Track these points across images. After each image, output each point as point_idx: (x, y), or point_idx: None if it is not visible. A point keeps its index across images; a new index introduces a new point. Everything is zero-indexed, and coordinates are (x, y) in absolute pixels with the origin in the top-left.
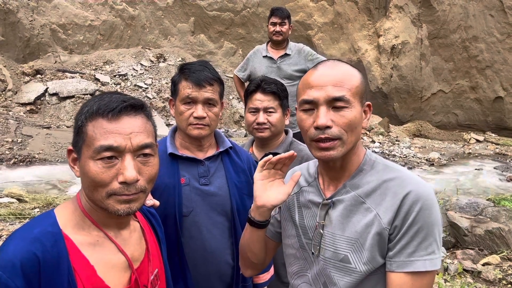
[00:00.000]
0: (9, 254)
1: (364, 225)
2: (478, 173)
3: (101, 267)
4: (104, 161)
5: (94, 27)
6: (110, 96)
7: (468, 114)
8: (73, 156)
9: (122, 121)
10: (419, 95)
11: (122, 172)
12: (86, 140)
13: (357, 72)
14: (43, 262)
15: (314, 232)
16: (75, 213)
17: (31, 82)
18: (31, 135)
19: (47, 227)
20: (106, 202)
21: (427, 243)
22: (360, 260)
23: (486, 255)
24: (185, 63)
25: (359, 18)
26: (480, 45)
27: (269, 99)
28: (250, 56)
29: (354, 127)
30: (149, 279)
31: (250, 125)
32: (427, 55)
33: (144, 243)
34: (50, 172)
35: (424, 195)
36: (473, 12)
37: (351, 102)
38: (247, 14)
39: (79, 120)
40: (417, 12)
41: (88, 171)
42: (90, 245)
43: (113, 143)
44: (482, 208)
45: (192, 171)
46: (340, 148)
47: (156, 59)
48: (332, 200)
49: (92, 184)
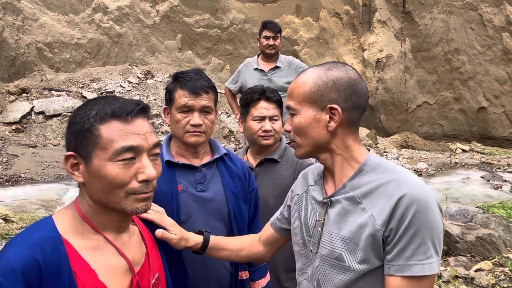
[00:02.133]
0: (10, 260)
1: (359, 225)
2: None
3: (102, 271)
4: (124, 162)
5: (80, 45)
6: (116, 99)
7: (453, 125)
8: (72, 161)
9: (136, 123)
10: (404, 107)
11: (142, 171)
12: (100, 143)
13: (311, 78)
14: (44, 267)
15: (313, 230)
16: (73, 218)
17: (17, 101)
18: (16, 154)
19: (46, 232)
20: (124, 202)
21: (425, 247)
22: (354, 259)
23: (478, 261)
24: (179, 71)
25: (343, 33)
26: (462, 57)
27: (274, 107)
28: (241, 68)
29: (303, 131)
30: (150, 282)
31: (255, 133)
32: (411, 68)
33: (144, 247)
34: (37, 191)
35: (420, 197)
36: (454, 25)
37: (297, 110)
38: (234, 31)
39: (85, 124)
40: (400, 26)
41: (107, 173)
42: (91, 249)
43: (133, 143)
44: (472, 215)
45: (189, 178)
46: (298, 149)
47: (143, 76)
48: (331, 199)
49: (110, 186)
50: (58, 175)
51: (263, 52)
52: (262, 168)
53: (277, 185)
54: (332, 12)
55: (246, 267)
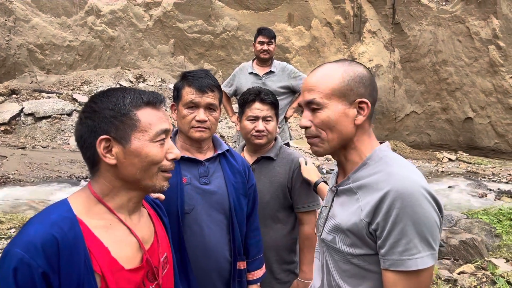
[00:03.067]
0: (30, 236)
1: (349, 213)
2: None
3: (114, 248)
4: (160, 142)
5: (72, 47)
6: (143, 90)
7: (440, 134)
8: (104, 145)
9: (162, 110)
10: (393, 116)
11: (171, 151)
12: (139, 126)
13: (339, 72)
14: (62, 244)
15: (321, 214)
16: (88, 200)
17: (6, 102)
18: (5, 155)
19: (63, 213)
20: (155, 178)
21: (416, 241)
22: (343, 242)
23: (461, 264)
24: (187, 71)
25: (334, 42)
26: (450, 69)
27: (267, 108)
28: (236, 72)
29: (331, 125)
30: (159, 260)
31: (249, 132)
32: (400, 78)
33: (153, 227)
34: (26, 192)
35: (407, 191)
36: (442, 37)
37: (324, 104)
38: (226, 37)
39: (121, 109)
40: (390, 37)
41: (149, 152)
42: (104, 228)
43: (167, 127)
44: (456, 220)
45: (193, 171)
46: (321, 144)
47: (135, 80)
48: (337, 188)
49: (150, 163)
50: (47, 177)
51: (257, 57)
52: (258, 166)
53: (273, 182)
54: (324, 22)
55: (244, 258)
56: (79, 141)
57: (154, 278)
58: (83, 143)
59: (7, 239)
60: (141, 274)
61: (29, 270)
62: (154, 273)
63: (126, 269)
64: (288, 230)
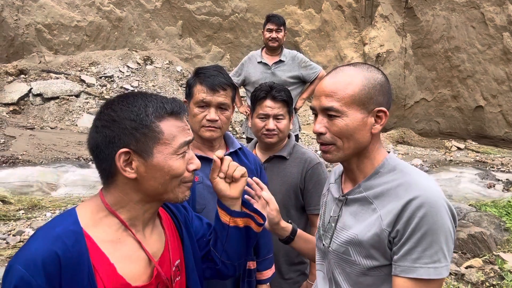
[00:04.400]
0: (32, 253)
1: (368, 224)
2: (459, 180)
3: (121, 264)
4: (183, 155)
5: (80, 28)
6: (165, 98)
7: (449, 122)
8: (124, 158)
9: (184, 119)
10: (402, 103)
11: (192, 162)
12: (162, 139)
13: (359, 80)
14: (64, 260)
15: (327, 225)
16: (97, 212)
17: (15, 82)
18: (14, 136)
19: (69, 226)
20: (177, 190)
21: (433, 250)
22: (359, 254)
23: (469, 258)
24: (200, 67)
25: (345, 26)
26: (462, 56)
27: (279, 106)
28: (245, 61)
29: (349, 134)
30: (171, 270)
31: (259, 130)
32: (411, 64)
33: (164, 236)
34: (34, 173)
35: (430, 201)
36: (455, 23)
37: (342, 112)
38: (235, 19)
39: (143, 121)
40: (402, 22)
41: (172, 166)
42: (111, 243)
43: (190, 138)
44: (464, 213)
45: (205, 170)
46: (335, 152)
47: (143, 62)
48: (347, 197)
49: (172, 177)
50: (56, 158)
51: (266, 45)
52: (270, 164)
53: (285, 182)
54: (335, 5)
55: (254, 257)
56: (94, 150)
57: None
58: (98, 153)
59: (16, 220)
60: None
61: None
62: (166, 285)
63: (133, 286)
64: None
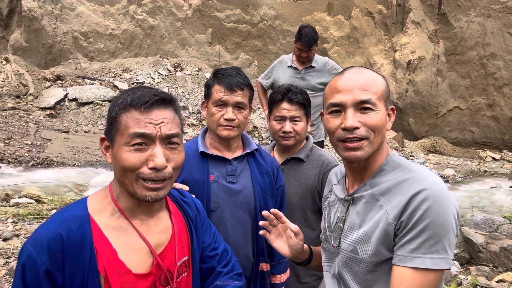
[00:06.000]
0: (40, 233)
1: (375, 221)
2: (493, 192)
3: (123, 250)
4: (135, 147)
5: (114, 35)
6: (142, 90)
7: (484, 132)
8: (106, 144)
9: (153, 113)
10: (434, 111)
11: (152, 158)
12: (120, 129)
13: (381, 78)
14: (67, 242)
15: (335, 225)
16: (105, 199)
17: (52, 87)
18: (50, 138)
19: (76, 211)
20: (135, 185)
21: (432, 242)
22: (366, 252)
23: (500, 272)
24: (219, 68)
25: (375, 32)
26: (498, 63)
27: (296, 108)
28: (275, 64)
29: (380, 128)
30: (175, 264)
31: (276, 133)
32: (444, 71)
33: (171, 230)
34: (67, 175)
35: (435, 194)
36: (491, 29)
37: (377, 105)
38: (263, 27)
39: (113, 111)
40: (434, 28)
41: (121, 156)
42: (114, 229)
43: (144, 131)
44: (497, 225)
45: (221, 169)
46: (367, 148)
47: (173, 69)
48: (353, 196)
49: (123, 168)
50: (88, 161)
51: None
52: (288, 166)
53: (302, 184)
54: (365, 11)
55: (268, 259)
56: None
57: (167, 282)
58: None
59: None
60: (150, 280)
61: (35, 266)
62: (167, 277)
63: (133, 273)
64: (316, 234)
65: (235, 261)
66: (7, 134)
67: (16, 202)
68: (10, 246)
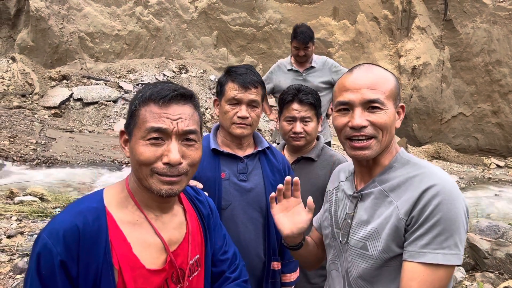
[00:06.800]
0: (56, 224)
1: (385, 216)
2: (498, 199)
3: (137, 245)
4: (151, 142)
5: (120, 36)
6: (163, 84)
7: (489, 139)
8: (125, 137)
9: (171, 108)
10: (439, 117)
11: (167, 154)
12: (138, 123)
13: (391, 76)
14: (83, 234)
15: (343, 222)
16: (121, 193)
17: (57, 87)
18: (54, 137)
19: (92, 203)
20: (150, 180)
21: (443, 237)
22: (376, 248)
23: (506, 279)
24: (231, 66)
25: (380, 38)
26: (504, 70)
27: (306, 109)
28: (273, 70)
29: (389, 127)
30: (188, 262)
31: (286, 133)
32: (449, 77)
33: (185, 228)
34: (71, 174)
35: (446, 190)
36: (497, 36)
37: (385, 104)
38: (269, 30)
39: (133, 105)
40: (440, 34)
41: (137, 150)
42: (130, 224)
43: (161, 126)
44: (503, 231)
45: (232, 167)
46: (375, 147)
47: (178, 70)
48: (361, 193)
49: (139, 162)
50: (92, 161)
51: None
52: (298, 166)
53: (313, 184)
54: (370, 16)
55: (279, 258)
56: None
57: (178, 280)
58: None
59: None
60: (162, 277)
61: (50, 256)
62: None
63: (146, 268)
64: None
65: (242, 266)
66: (13, 132)
67: (21, 200)
68: (14, 244)
